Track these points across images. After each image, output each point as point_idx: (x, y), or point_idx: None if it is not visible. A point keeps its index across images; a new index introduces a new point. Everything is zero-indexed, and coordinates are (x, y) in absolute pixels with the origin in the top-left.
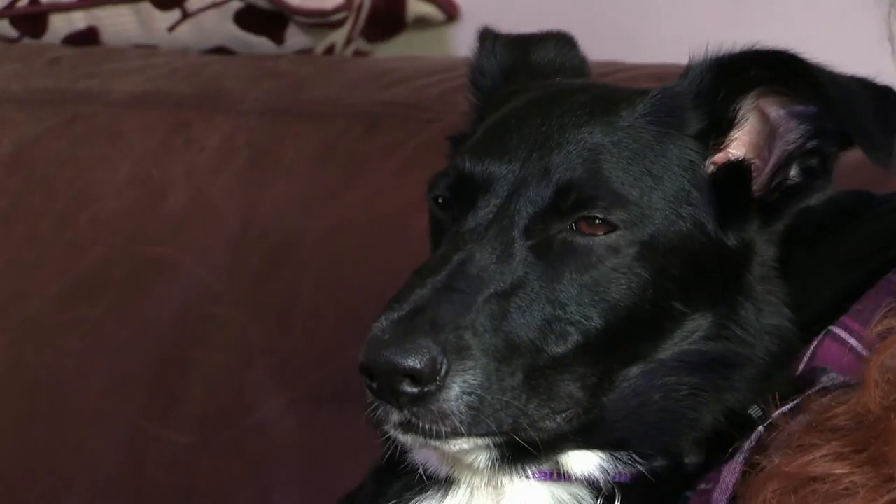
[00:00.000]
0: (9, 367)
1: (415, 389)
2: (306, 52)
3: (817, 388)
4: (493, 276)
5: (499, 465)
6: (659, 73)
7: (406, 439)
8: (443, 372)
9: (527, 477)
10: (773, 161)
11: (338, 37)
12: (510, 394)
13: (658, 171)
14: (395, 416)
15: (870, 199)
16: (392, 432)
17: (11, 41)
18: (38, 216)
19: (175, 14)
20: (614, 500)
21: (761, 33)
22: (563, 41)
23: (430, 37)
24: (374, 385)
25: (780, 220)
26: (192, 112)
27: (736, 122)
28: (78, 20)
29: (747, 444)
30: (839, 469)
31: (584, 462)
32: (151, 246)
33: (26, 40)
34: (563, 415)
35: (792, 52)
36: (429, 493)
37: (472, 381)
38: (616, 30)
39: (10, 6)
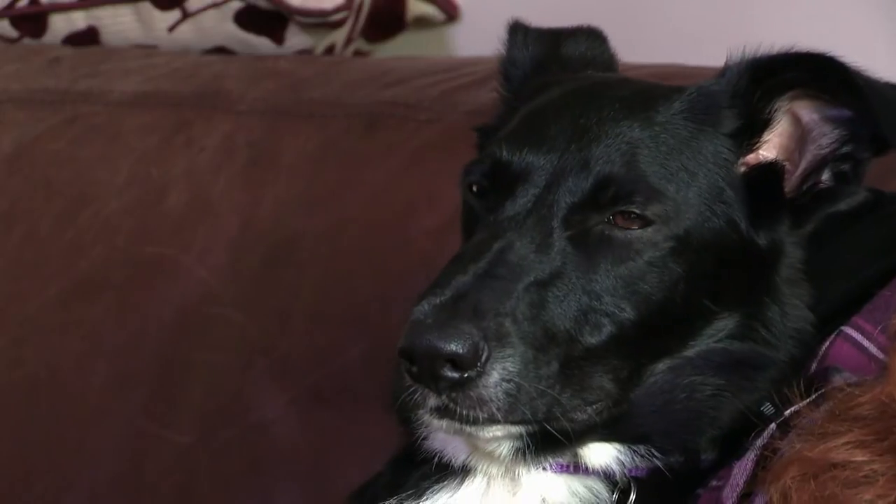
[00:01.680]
0: (9, 367)
1: (456, 374)
2: (306, 52)
3: (831, 387)
4: (532, 265)
5: (522, 456)
6: (659, 73)
7: (441, 424)
8: (483, 358)
9: (544, 469)
10: (804, 164)
11: (338, 37)
12: (546, 382)
13: (693, 167)
14: (433, 401)
15: (880, 198)
16: (427, 417)
17: (11, 41)
18: (38, 216)
19: (175, 14)
20: (629, 494)
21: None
22: (593, 36)
23: (430, 37)
24: (415, 369)
25: (809, 223)
26: (192, 112)
27: (769, 123)
28: (78, 20)
29: (759, 442)
30: (860, 457)
31: (602, 454)
32: (151, 246)
33: (26, 40)
34: (595, 406)
35: (830, 54)
36: (445, 482)
37: (511, 369)
38: (616, 30)
39: (10, 6)
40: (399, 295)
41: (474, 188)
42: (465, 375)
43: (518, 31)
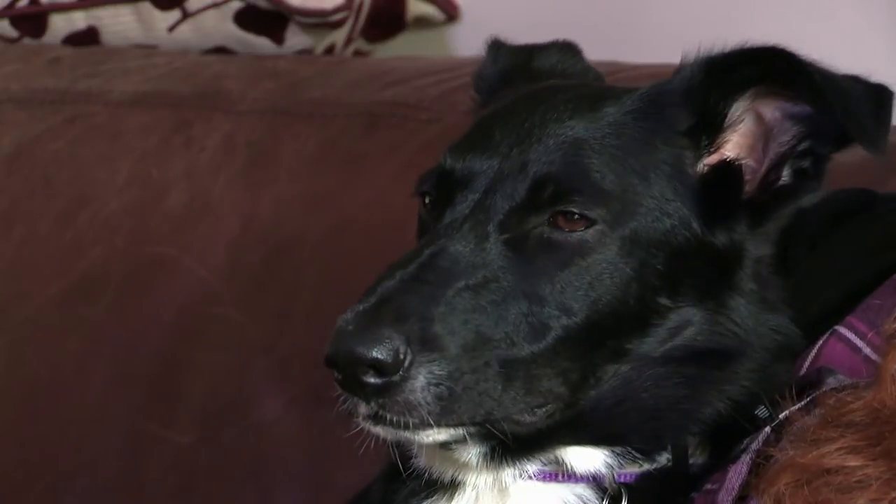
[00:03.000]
0: (9, 367)
1: (378, 380)
2: (306, 52)
3: (825, 389)
4: (464, 269)
5: (490, 461)
6: (659, 73)
7: (377, 431)
8: (406, 362)
9: (530, 477)
10: (767, 163)
11: (338, 37)
12: (483, 386)
13: (642, 167)
14: (364, 409)
15: (872, 199)
16: (363, 424)
17: (11, 41)
18: (38, 216)
19: (175, 14)
20: (620, 501)
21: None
22: (565, 49)
23: (430, 37)
24: (340, 377)
25: (770, 221)
26: (192, 112)
27: (728, 121)
28: (78, 20)
29: (754, 445)
30: (853, 462)
31: (586, 460)
32: (151, 246)
33: (26, 40)
34: (543, 409)
35: (785, 48)
36: (434, 497)
37: (438, 372)
38: (616, 30)
39: (10, 6)
40: None
41: (426, 200)
42: (389, 380)
43: (493, 47)
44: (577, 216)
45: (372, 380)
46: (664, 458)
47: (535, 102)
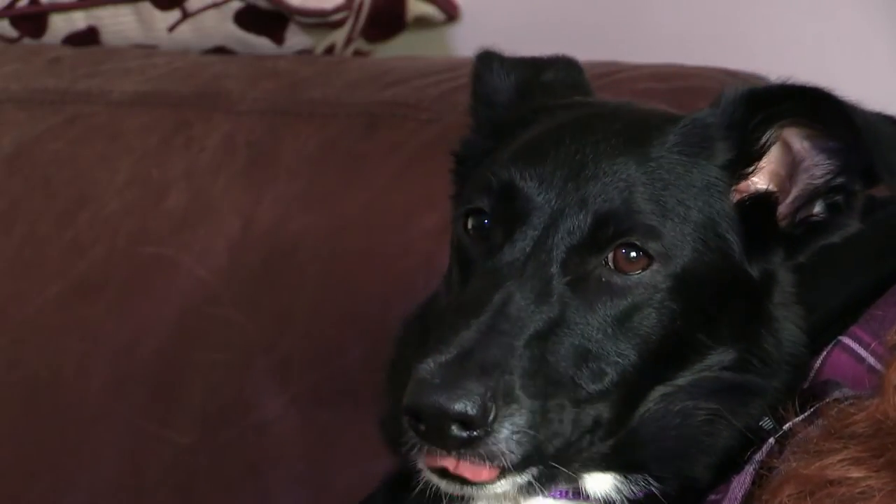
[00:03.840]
0: (9, 367)
1: (465, 433)
2: (306, 52)
3: (829, 400)
4: (533, 317)
5: (528, 489)
6: (659, 73)
7: (442, 484)
8: (491, 416)
9: (545, 496)
10: (795, 192)
11: (338, 37)
12: (557, 427)
13: (688, 201)
14: (440, 461)
15: (872, 203)
16: (429, 475)
17: (11, 41)
18: (38, 216)
19: (175, 14)
20: None
21: (760, 33)
22: (570, 65)
23: (430, 37)
24: (422, 427)
25: (803, 254)
26: (192, 112)
27: (762, 154)
28: (78, 20)
29: (758, 456)
30: (856, 473)
31: (601, 483)
32: (151, 246)
33: (26, 40)
34: (594, 440)
35: (826, 89)
36: None
37: (519, 423)
38: (616, 30)
39: (10, 6)
40: (399, 295)
41: (470, 225)
42: (475, 434)
43: (492, 59)
44: (633, 254)
45: (458, 433)
46: (673, 483)
47: (584, 132)
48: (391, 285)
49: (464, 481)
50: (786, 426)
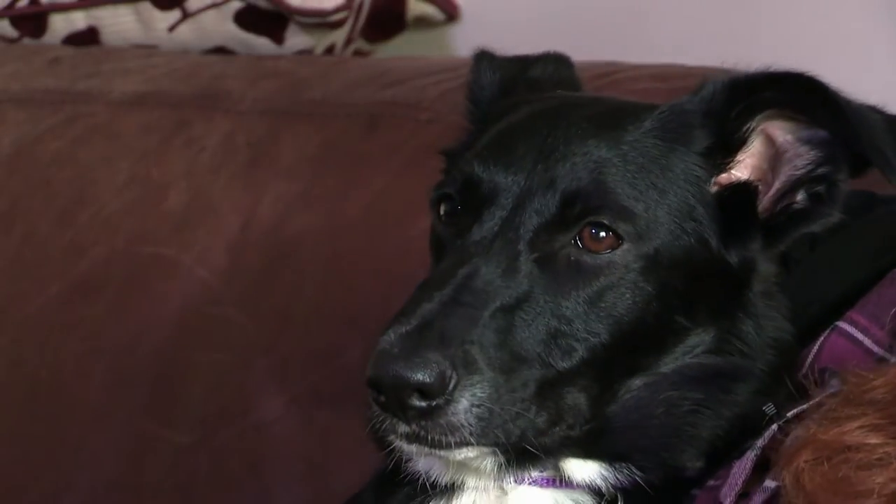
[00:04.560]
0: (9, 367)
1: (423, 403)
2: (306, 52)
3: (829, 392)
4: (498, 290)
5: (503, 469)
6: (659, 73)
7: (412, 449)
8: (451, 386)
9: (530, 483)
10: (777, 184)
11: (338, 37)
12: (520, 405)
13: (663, 185)
14: (403, 428)
15: (872, 200)
16: (398, 442)
17: (11, 41)
18: (38, 216)
19: (175, 14)
20: None
21: (760, 33)
22: (560, 60)
23: (430, 37)
24: (383, 398)
25: (782, 243)
26: (192, 112)
27: (744, 142)
28: (78, 20)
29: (760, 442)
30: (873, 439)
31: (585, 470)
32: (151, 246)
33: (26, 40)
34: (568, 423)
35: (810, 75)
36: (432, 501)
37: (480, 394)
38: (616, 30)
39: (10, 6)
40: (399, 295)
41: (442, 211)
42: (434, 404)
43: (484, 58)
44: (602, 233)
45: (417, 403)
46: (658, 473)
47: (555, 118)
48: (391, 285)
49: (433, 444)
50: (789, 413)
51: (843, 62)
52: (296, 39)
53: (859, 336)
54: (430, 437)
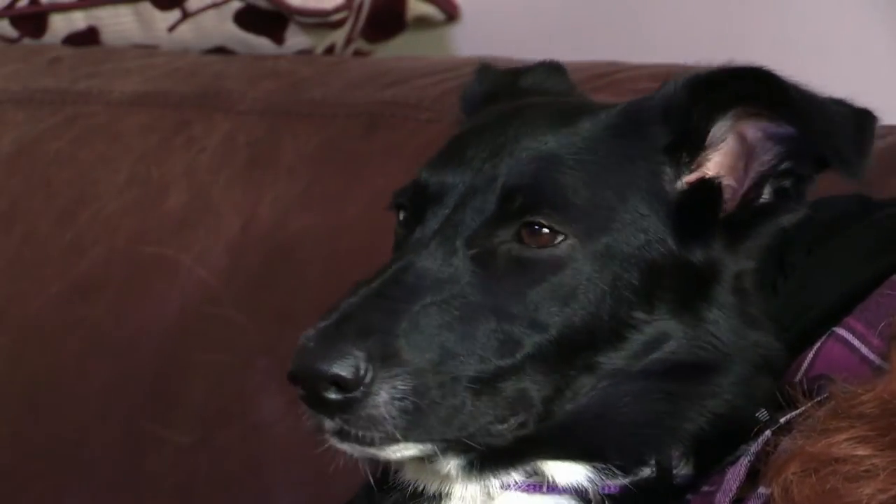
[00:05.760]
0: (9, 367)
1: (339, 396)
2: (306, 52)
3: (823, 397)
4: (430, 285)
5: (470, 472)
6: (659, 73)
7: (344, 447)
8: (367, 378)
9: (516, 489)
10: (748, 182)
11: (338, 37)
12: (451, 401)
13: (617, 182)
14: (329, 424)
15: (867, 204)
16: (330, 440)
17: (11, 41)
18: (38, 216)
19: (175, 14)
20: None
21: (760, 32)
22: (552, 69)
23: (430, 37)
24: (304, 394)
25: (748, 239)
26: (192, 112)
27: (710, 140)
28: (78, 20)
29: (753, 448)
30: (861, 451)
31: (568, 473)
32: (151, 246)
33: (26, 40)
34: (514, 420)
35: (767, 69)
36: None
37: (401, 387)
38: (616, 30)
39: (10, 6)
40: None
41: (401, 216)
42: (350, 396)
43: (482, 70)
44: (544, 230)
45: (333, 396)
46: (647, 471)
47: (511, 118)
48: None
49: (361, 441)
50: (783, 419)
51: (843, 62)
52: (296, 39)
53: (856, 343)
54: (357, 434)
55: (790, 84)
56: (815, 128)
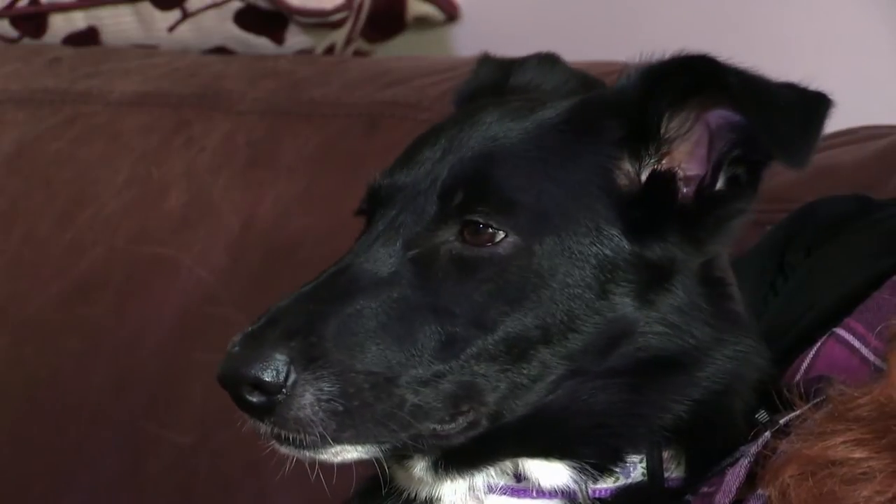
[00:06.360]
0: (9, 367)
1: (263, 399)
2: (306, 52)
3: (820, 400)
4: (365, 288)
5: (436, 473)
6: None
7: (284, 451)
8: (290, 380)
9: (503, 493)
10: (708, 171)
11: (338, 37)
12: (387, 402)
13: (563, 177)
14: (262, 428)
15: (868, 204)
16: (271, 443)
17: (11, 41)
18: (38, 216)
19: (175, 14)
20: None
21: (760, 33)
22: (544, 60)
23: (430, 37)
24: (231, 398)
25: (704, 228)
26: (192, 112)
27: (673, 131)
28: (78, 20)
29: (753, 449)
30: (858, 454)
31: (549, 474)
32: (151, 246)
33: (26, 40)
34: (461, 420)
35: (709, 56)
36: None
37: (328, 388)
38: (616, 30)
39: (10, 6)
40: None
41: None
42: (274, 399)
43: (481, 63)
44: (484, 228)
45: (256, 399)
46: (638, 473)
47: (465, 117)
48: None
49: (296, 444)
50: (782, 420)
51: (843, 62)
52: (296, 39)
53: (856, 344)
54: (290, 437)
55: (731, 69)
56: (754, 113)
